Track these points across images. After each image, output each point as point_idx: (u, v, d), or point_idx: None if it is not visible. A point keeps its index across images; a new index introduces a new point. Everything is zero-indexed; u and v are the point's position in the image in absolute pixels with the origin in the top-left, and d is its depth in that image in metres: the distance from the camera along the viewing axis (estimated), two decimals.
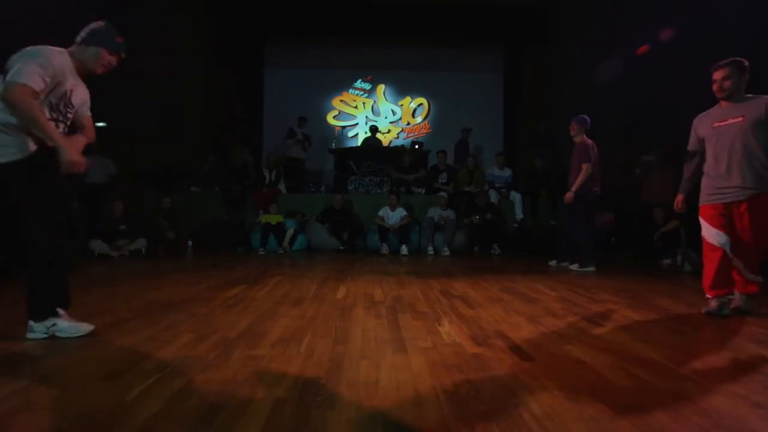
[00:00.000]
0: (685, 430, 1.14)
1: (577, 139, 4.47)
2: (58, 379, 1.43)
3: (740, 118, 2.47)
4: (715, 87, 2.56)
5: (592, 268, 4.30)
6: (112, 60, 2.06)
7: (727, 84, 2.51)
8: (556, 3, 8.73)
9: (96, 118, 2.16)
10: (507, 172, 7.40)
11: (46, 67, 1.80)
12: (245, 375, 1.48)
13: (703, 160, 2.67)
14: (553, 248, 6.59)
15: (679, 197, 2.82)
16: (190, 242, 6.17)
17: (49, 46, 1.88)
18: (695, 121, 2.71)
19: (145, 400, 1.28)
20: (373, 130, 8.41)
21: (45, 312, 1.89)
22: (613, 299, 2.90)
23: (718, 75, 2.53)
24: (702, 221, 2.60)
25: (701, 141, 2.66)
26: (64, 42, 2.00)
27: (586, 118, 4.51)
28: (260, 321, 2.22)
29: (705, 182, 2.62)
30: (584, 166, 4.30)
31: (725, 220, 2.51)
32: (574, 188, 4.34)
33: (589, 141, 4.41)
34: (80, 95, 2.03)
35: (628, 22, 7.00)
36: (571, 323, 2.24)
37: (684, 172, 2.81)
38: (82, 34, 2.00)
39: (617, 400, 1.32)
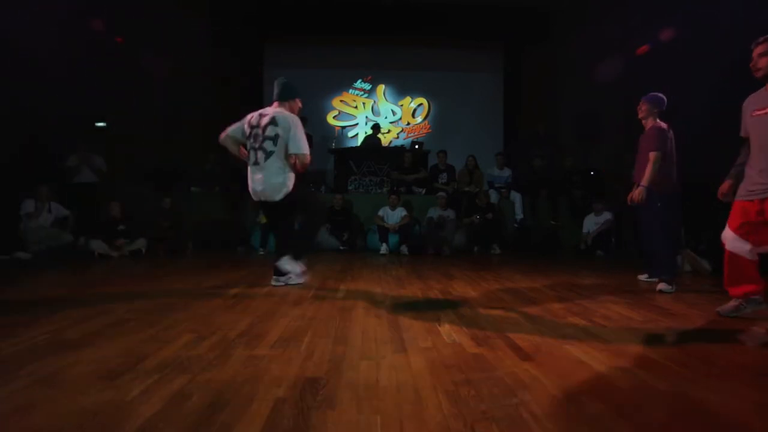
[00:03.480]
0: (685, 430, 1.14)
1: (648, 123, 3.56)
2: (58, 379, 1.43)
3: None
4: (750, 65, 2.26)
5: (671, 288, 3.28)
6: None
7: (763, 62, 2.20)
8: (556, 3, 8.73)
9: (96, 118, 2.16)
10: (507, 172, 7.40)
11: None
12: (245, 375, 1.48)
13: None
14: (552, 248, 6.64)
15: (724, 184, 2.53)
16: (190, 242, 6.17)
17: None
18: (743, 105, 2.43)
19: (145, 400, 1.28)
20: (375, 128, 8.41)
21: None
22: (613, 299, 2.89)
23: (756, 51, 2.23)
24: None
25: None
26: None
27: (662, 97, 3.56)
28: (260, 321, 2.22)
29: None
30: (652, 155, 3.34)
31: (745, 221, 2.33)
32: (644, 182, 3.35)
33: (664, 124, 3.48)
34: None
35: (628, 22, 7.00)
36: (571, 323, 2.24)
37: (738, 158, 2.52)
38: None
39: (617, 400, 1.32)
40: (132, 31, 7.17)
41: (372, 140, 8.20)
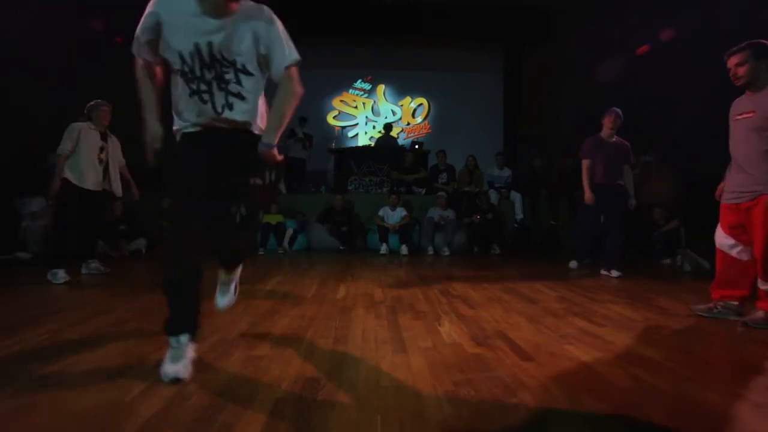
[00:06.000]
0: (686, 430, 1.14)
1: (615, 136, 4.25)
2: (58, 379, 1.43)
3: (752, 114, 2.24)
4: (730, 75, 2.29)
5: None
6: None
7: (741, 70, 2.23)
8: (556, 3, 8.73)
9: None
10: (506, 172, 7.40)
11: None
12: (245, 375, 1.48)
13: None
14: (552, 248, 6.64)
15: (720, 185, 2.51)
16: None
17: None
18: (730, 110, 2.44)
19: (145, 400, 1.28)
20: (387, 127, 8.38)
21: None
22: (613, 299, 2.89)
23: (731, 62, 2.27)
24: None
25: None
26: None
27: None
28: (260, 321, 2.22)
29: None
30: (629, 168, 4.29)
31: (736, 223, 2.34)
32: (632, 192, 4.30)
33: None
34: None
35: (628, 22, 7.00)
36: (571, 323, 2.24)
37: None
38: None
39: (617, 400, 1.32)
40: (132, 31, 7.16)
41: (386, 140, 8.17)
